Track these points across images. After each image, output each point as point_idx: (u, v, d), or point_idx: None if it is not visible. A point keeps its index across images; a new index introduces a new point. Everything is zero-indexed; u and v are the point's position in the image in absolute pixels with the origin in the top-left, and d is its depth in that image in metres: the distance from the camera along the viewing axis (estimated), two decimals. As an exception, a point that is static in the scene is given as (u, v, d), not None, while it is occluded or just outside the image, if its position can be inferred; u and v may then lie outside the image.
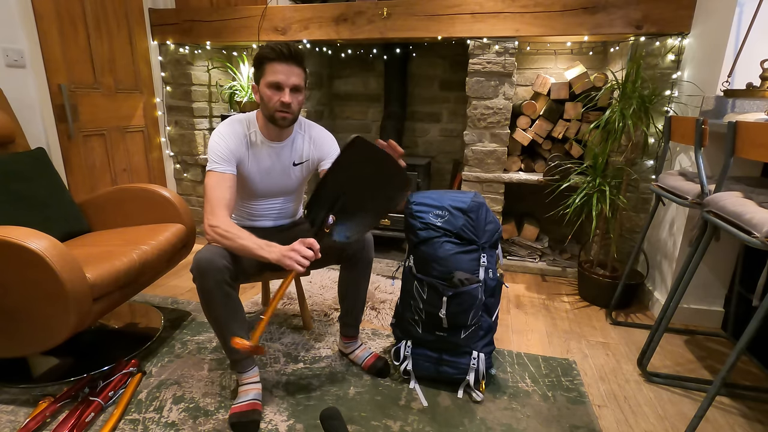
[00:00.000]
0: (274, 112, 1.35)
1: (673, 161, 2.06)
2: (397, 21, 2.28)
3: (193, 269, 1.25)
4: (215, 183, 1.34)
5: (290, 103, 1.33)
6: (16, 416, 1.32)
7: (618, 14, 2.02)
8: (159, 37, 2.68)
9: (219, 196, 1.32)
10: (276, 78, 1.31)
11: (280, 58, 1.30)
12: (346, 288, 1.55)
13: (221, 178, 1.34)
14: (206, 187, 1.34)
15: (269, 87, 1.33)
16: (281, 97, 1.32)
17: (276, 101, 1.33)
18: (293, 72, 1.32)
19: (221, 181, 1.34)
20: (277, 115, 1.35)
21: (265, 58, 1.31)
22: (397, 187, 1.29)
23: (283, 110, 1.34)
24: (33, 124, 2.05)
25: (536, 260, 2.53)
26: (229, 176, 1.36)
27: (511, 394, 1.47)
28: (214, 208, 1.30)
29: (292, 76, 1.32)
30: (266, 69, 1.32)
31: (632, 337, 1.84)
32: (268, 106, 1.35)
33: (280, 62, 1.30)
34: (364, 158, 1.23)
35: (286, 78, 1.32)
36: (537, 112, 2.42)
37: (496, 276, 1.49)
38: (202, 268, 1.23)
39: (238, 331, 1.32)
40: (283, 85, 1.32)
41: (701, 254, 1.42)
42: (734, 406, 1.44)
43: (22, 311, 1.28)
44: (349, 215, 1.30)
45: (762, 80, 1.52)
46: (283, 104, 1.33)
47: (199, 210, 2.98)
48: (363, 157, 1.22)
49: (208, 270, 1.23)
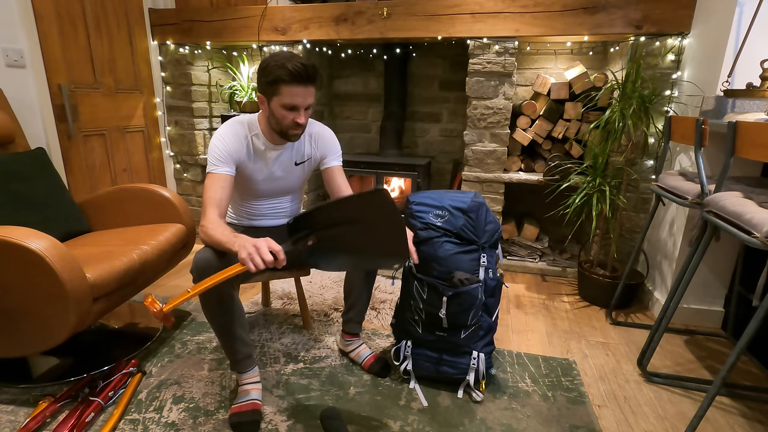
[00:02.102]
0: (287, 130, 1.35)
1: (673, 161, 2.06)
2: (397, 21, 2.28)
3: (192, 270, 1.25)
4: (209, 184, 1.34)
5: (305, 123, 1.34)
6: (16, 416, 1.32)
7: (618, 14, 2.02)
8: (159, 37, 2.69)
9: (210, 197, 1.32)
10: (293, 101, 1.29)
11: (296, 80, 1.26)
12: (353, 284, 1.55)
13: (216, 178, 1.35)
14: (204, 188, 1.35)
15: (284, 108, 1.30)
16: (296, 118, 1.31)
17: (290, 120, 1.32)
18: (309, 93, 1.31)
19: (215, 181, 1.34)
20: (291, 132, 1.35)
21: (280, 80, 1.26)
22: (391, 256, 1.23)
23: (298, 128, 1.35)
24: (33, 124, 2.05)
25: (536, 260, 2.53)
26: (224, 176, 1.36)
27: (511, 394, 1.47)
28: (205, 208, 1.32)
29: (308, 97, 1.31)
30: (281, 89, 1.27)
31: (632, 337, 1.84)
32: (282, 124, 1.34)
33: (296, 85, 1.27)
34: (379, 212, 1.13)
35: (303, 100, 1.30)
36: (537, 112, 2.42)
37: (496, 276, 1.49)
38: (201, 269, 1.23)
39: (239, 331, 1.32)
40: (300, 107, 1.31)
41: (701, 254, 1.42)
42: (734, 406, 1.44)
43: (22, 311, 1.27)
44: (331, 248, 1.24)
45: (762, 80, 1.52)
46: (298, 124, 1.33)
47: (198, 210, 2.98)
48: (379, 210, 1.13)
49: (208, 271, 1.23)
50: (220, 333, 1.33)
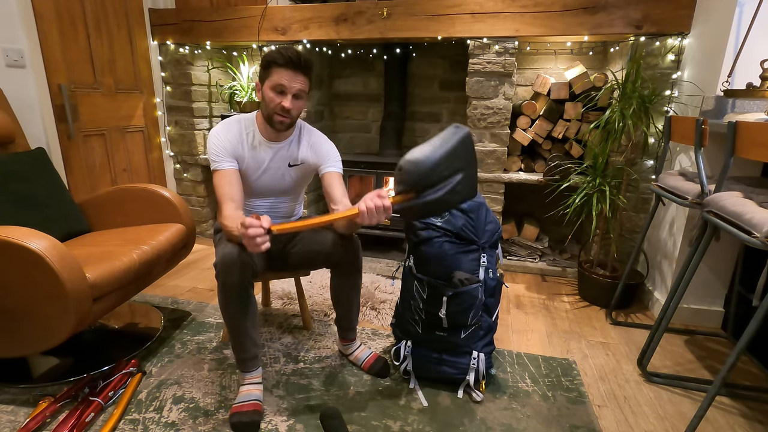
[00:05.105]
0: (272, 114, 1.37)
1: (673, 161, 2.06)
2: (397, 21, 2.28)
3: (217, 264, 1.27)
4: (217, 182, 1.39)
5: (290, 109, 1.35)
6: (16, 416, 1.32)
7: (618, 14, 2.02)
8: (159, 37, 2.68)
9: (222, 193, 1.36)
10: (280, 81, 1.32)
11: (287, 64, 1.31)
12: (338, 294, 1.56)
13: (222, 174, 1.39)
14: (214, 188, 1.39)
15: (272, 89, 1.34)
16: (282, 101, 1.34)
17: (276, 104, 1.35)
18: (298, 79, 1.34)
19: (222, 177, 1.38)
20: (275, 118, 1.37)
21: (273, 62, 1.32)
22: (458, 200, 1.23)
23: (282, 114, 1.36)
24: (33, 124, 2.05)
25: (536, 260, 2.53)
26: (230, 171, 1.40)
27: (511, 394, 1.47)
28: (220, 205, 1.35)
29: (296, 83, 1.33)
30: (272, 71, 1.33)
31: (632, 337, 1.84)
32: (269, 107, 1.37)
33: (287, 68, 1.32)
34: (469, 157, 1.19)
35: (289, 83, 1.33)
36: (537, 112, 2.42)
37: (496, 276, 1.49)
38: (227, 264, 1.25)
39: (251, 329, 1.35)
40: (287, 90, 1.33)
41: (701, 254, 1.42)
42: (734, 406, 1.44)
43: (22, 311, 1.27)
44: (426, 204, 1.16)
45: (762, 80, 1.52)
46: (283, 108, 1.35)
47: (198, 210, 2.98)
48: (469, 156, 1.19)
49: (233, 265, 1.26)
50: (232, 329, 1.34)
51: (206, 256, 2.69)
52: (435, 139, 1.19)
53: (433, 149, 1.15)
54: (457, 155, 1.17)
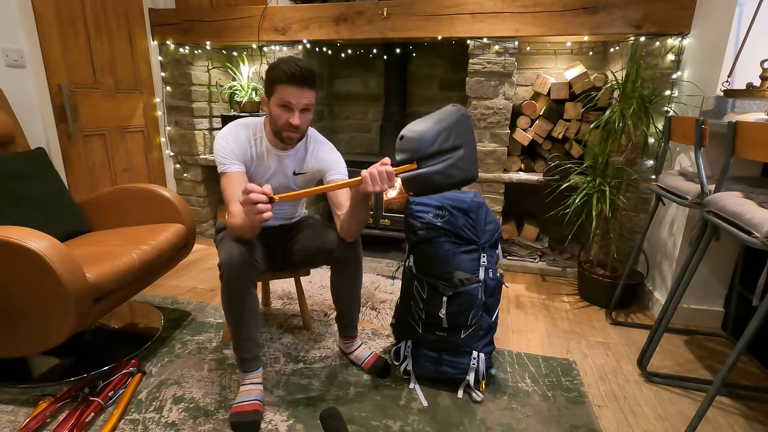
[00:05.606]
0: (281, 131, 1.36)
1: (673, 161, 2.06)
2: (397, 21, 2.28)
3: (221, 264, 1.28)
4: (225, 184, 1.38)
5: (299, 125, 1.34)
6: (16, 416, 1.32)
7: (618, 14, 2.02)
8: (159, 37, 2.68)
9: (229, 195, 1.36)
10: (286, 98, 1.30)
11: (291, 81, 1.28)
12: (338, 290, 1.56)
13: (229, 177, 1.38)
14: (222, 189, 1.39)
15: (279, 107, 1.33)
16: (290, 118, 1.32)
17: (285, 121, 1.33)
18: (304, 95, 1.31)
19: (230, 179, 1.38)
20: (285, 134, 1.36)
21: (278, 80, 1.29)
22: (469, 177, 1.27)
23: (291, 130, 1.35)
24: (33, 124, 2.05)
25: (536, 260, 2.53)
26: (237, 173, 1.39)
27: (511, 394, 1.47)
28: (228, 205, 1.35)
29: (303, 98, 1.32)
30: (277, 88, 1.31)
31: (632, 337, 1.84)
32: (277, 124, 1.35)
33: (291, 85, 1.29)
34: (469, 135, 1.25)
35: (296, 100, 1.31)
36: (537, 112, 2.42)
37: (496, 276, 1.49)
38: (232, 263, 1.26)
39: (252, 330, 1.35)
40: (294, 107, 1.32)
41: (701, 254, 1.42)
42: (734, 406, 1.44)
43: (22, 311, 1.27)
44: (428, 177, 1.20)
45: (762, 80, 1.52)
46: (291, 125, 1.33)
47: (198, 210, 2.98)
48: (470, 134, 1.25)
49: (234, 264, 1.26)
50: (235, 328, 1.35)
51: (206, 256, 2.69)
52: (435, 113, 1.25)
53: (434, 121, 1.21)
54: (456, 131, 1.23)
